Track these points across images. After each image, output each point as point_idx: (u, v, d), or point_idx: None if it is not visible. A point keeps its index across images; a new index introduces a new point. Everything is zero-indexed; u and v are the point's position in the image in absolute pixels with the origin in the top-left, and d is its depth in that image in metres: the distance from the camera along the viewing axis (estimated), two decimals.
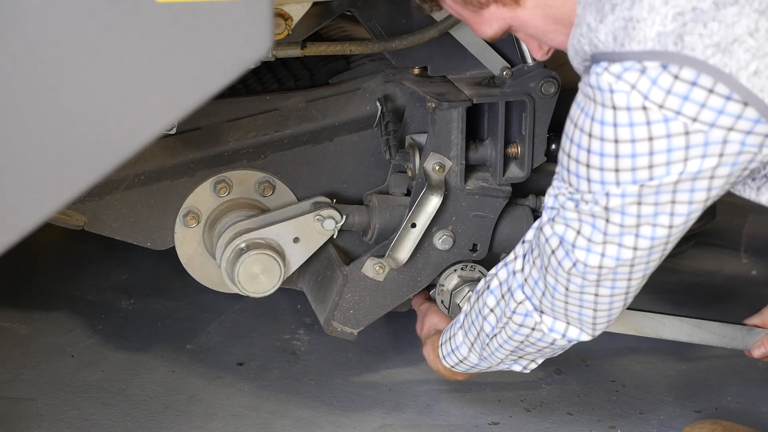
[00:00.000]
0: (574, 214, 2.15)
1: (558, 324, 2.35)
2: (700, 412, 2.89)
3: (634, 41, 1.98)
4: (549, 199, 2.22)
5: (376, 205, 2.82)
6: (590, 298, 2.25)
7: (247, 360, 3.09)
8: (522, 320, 2.37)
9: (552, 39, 2.21)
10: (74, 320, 3.25)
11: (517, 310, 2.37)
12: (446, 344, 2.60)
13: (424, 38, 2.71)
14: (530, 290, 2.34)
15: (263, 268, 2.76)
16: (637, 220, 2.10)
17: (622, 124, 2.01)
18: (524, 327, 2.38)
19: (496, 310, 2.42)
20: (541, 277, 2.29)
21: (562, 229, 2.18)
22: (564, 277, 2.23)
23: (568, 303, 2.28)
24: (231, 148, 2.84)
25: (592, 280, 2.20)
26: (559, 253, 2.21)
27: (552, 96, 2.74)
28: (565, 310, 2.30)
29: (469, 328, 2.51)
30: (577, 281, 2.22)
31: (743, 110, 1.97)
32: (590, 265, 2.18)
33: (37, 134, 1.82)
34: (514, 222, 2.84)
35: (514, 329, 2.40)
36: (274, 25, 2.09)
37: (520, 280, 2.36)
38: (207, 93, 1.87)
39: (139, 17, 1.80)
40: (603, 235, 2.13)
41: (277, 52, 2.74)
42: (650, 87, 1.98)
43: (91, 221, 2.83)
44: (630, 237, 2.12)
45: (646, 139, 2.01)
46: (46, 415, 2.81)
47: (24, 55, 1.78)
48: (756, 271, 3.63)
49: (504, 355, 2.48)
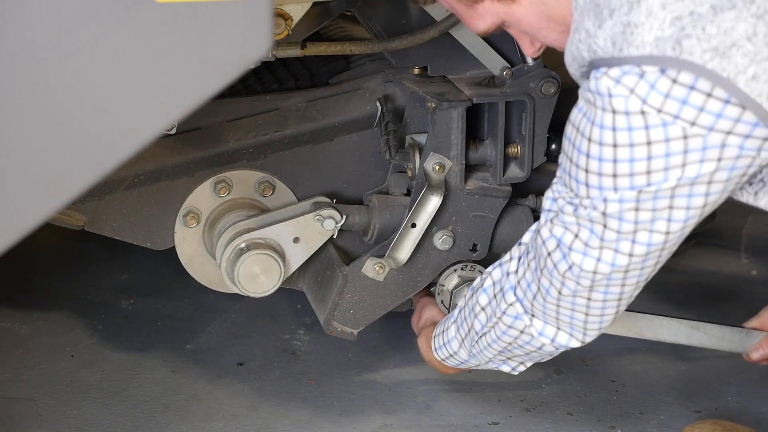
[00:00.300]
0: (572, 218, 2.15)
1: (548, 328, 2.35)
2: (700, 412, 2.89)
3: (633, 46, 1.98)
4: (547, 201, 2.23)
5: (376, 205, 2.82)
6: (582, 302, 2.25)
7: (247, 360, 3.09)
8: (511, 322, 2.38)
9: (545, 36, 2.20)
10: (74, 320, 3.25)
11: (507, 311, 2.37)
12: (439, 337, 2.61)
13: (424, 38, 2.71)
14: (522, 292, 2.34)
15: (263, 268, 2.76)
16: (634, 226, 2.10)
17: (621, 128, 2.01)
18: (513, 329, 2.38)
19: (487, 309, 2.42)
20: (534, 279, 2.29)
21: (561, 231, 2.18)
22: (558, 280, 2.23)
23: (560, 306, 2.28)
24: (231, 148, 2.84)
25: (585, 286, 2.21)
26: (556, 255, 2.21)
27: (552, 96, 2.74)
28: (557, 314, 2.30)
29: (461, 323, 2.52)
30: (571, 285, 2.22)
31: (741, 114, 1.97)
32: (585, 269, 2.17)
33: (38, 134, 1.82)
34: (514, 222, 2.84)
35: (503, 330, 2.40)
36: (274, 25, 2.09)
37: (513, 282, 2.36)
38: (207, 93, 1.87)
39: (139, 17, 1.80)
40: (600, 240, 2.13)
41: (277, 52, 2.74)
42: (648, 91, 1.98)
43: (91, 221, 2.83)
44: (626, 243, 2.12)
45: (644, 144, 2.01)
46: (46, 415, 2.82)
47: (24, 55, 1.78)
48: (756, 271, 3.63)
49: (492, 355, 2.48)
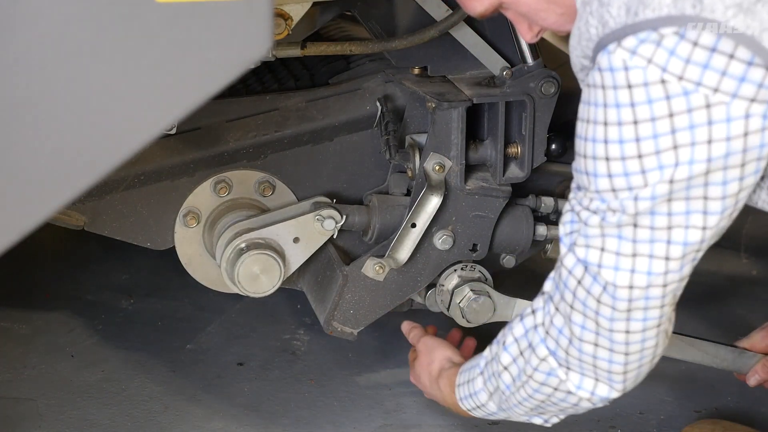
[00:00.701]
0: (597, 230, 2.02)
1: (586, 381, 2.17)
2: (700, 412, 2.89)
3: (649, 8, 1.88)
4: (565, 227, 2.10)
5: (376, 205, 2.82)
6: (621, 337, 2.09)
7: (247, 360, 3.09)
8: (544, 379, 2.21)
9: (544, 19, 2.13)
10: (74, 320, 3.25)
11: (538, 367, 2.20)
12: (464, 387, 2.42)
13: (424, 38, 2.71)
14: (554, 343, 2.16)
15: (263, 268, 2.76)
16: (668, 220, 1.98)
17: (640, 102, 1.91)
18: (546, 386, 2.22)
19: (512, 368, 2.26)
20: (566, 322, 2.13)
21: (584, 251, 2.05)
22: (593, 310, 2.07)
23: (597, 346, 2.11)
24: (231, 148, 2.84)
25: (622, 309, 2.05)
26: (586, 281, 2.06)
27: (552, 96, 2.74)
28: (594, 359, 2.13)
29: (489, 378, 2.34)
30: (607, 312, 2.06)
31: (765, 76, 1.89)
32: (620, 285, 2.02)
33: (38, 134, 1.82)
34: (514, 222, 2.84)
35: (535, 388, 2.23)
36: (274, 25, 2.09)
37: (541, 334, 2.19)
38: (207, 93, 1.87)
39: (139, 17, 1.80)
40: (632, 244, 2.00)
41: (277, 52, 2.74)
42: (668, 58, 1.89)
43: (91, 221, 2.83)
44: (661, 245, 1.99)
45: (666, 116, 1.90)
46: (46, 415, 2.82)
47: (24, 55, 1.78)
48: (756, 271, 3.63)
49: (523, 411, 2.31)
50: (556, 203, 2.87)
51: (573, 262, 2.07)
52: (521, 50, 2.74)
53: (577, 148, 2.04)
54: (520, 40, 2.73)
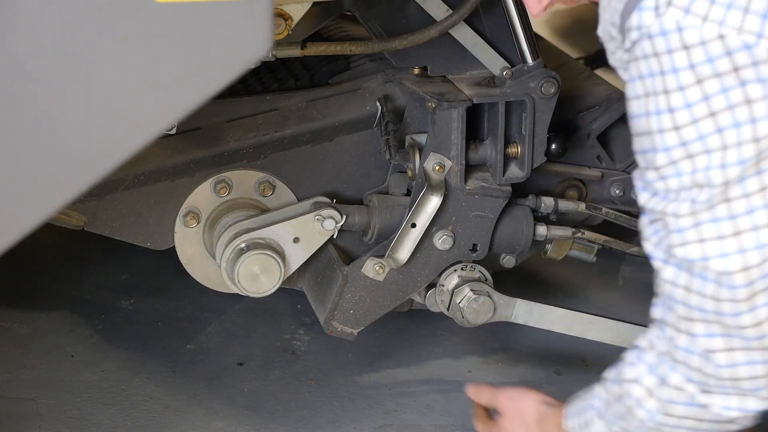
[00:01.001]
0: (690, 220, 1.85)
1: (732, 399, 1.95)
2: None
3: None
4: (648, 242, 1.94)
5: (376, 205, 2.82)
6: (753, 332, 1.88)
7: (247, 360, 3.09)
8: (683, 411, 1.99)
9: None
10: (74, 320, 3.25)
11: (675, 399, 1.98)
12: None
13: (424, 38, 2.71)
14: (686, 367, 1.95)
15: (263, 268, 2.76)
16: (759, 180, 1.82)
17: (700, 62, 1.78)
18: (687, 419, 1.99)
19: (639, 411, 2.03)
20: (691, 340, 1.93)
21: (683, 251, 1.87)
22: (713, 311, 1.88)
23: (732, 351, 1.91)
24: (231, 148, 2.84)
25: (744, 298, 1.86)
26: (695, 284, 1.88)
27: (552, 96, 2.74)
28: (732, 369, 1.92)
29: (612, 420, 2.08)
30: (729, 308, 1.87)
31: None
32: (733, 271, 1.84)
33: (38, 134, 1.82)
34: (514, 222, 2.84)
35: (675, 423, 2.00)
36: (274, 25, 2.09)
37: (668, 363, 1.98)
38: (207, 93, 1.88)
39: (139, 17, 1.80)
40: (731, 222, 1.83)
41: (277, 52, 2.74)
42: (725, 12, 1.76)
43: (91, 221, 2.83)
44: (762, 212, 1.82)
45: (731, 71, 1.78)
46: (46, 415, 2.82)
47: (24, 55, 1.78)
48: None
49: None
50: (556, 203, 2.86)
51: (673, 272, 1.92)
52: (521, 50, 2.74)
53: (637, 127, 1.90)
54: (520, 40, 2.73)
